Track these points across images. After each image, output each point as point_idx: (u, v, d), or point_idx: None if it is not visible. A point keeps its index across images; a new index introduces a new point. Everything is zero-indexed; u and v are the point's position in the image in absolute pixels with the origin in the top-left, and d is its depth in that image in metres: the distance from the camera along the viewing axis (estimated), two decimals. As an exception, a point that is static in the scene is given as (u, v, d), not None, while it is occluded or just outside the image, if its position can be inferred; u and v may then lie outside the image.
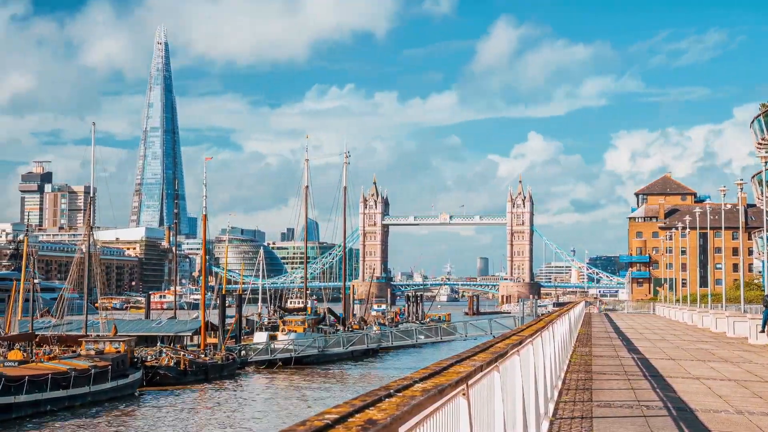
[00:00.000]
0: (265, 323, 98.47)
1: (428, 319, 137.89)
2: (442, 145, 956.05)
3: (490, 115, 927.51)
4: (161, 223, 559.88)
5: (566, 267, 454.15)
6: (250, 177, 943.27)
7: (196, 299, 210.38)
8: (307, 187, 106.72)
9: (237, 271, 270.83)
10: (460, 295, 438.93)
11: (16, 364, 55.35)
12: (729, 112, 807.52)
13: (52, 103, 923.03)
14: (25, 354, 61.23)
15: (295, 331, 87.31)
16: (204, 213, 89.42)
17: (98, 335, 68.09)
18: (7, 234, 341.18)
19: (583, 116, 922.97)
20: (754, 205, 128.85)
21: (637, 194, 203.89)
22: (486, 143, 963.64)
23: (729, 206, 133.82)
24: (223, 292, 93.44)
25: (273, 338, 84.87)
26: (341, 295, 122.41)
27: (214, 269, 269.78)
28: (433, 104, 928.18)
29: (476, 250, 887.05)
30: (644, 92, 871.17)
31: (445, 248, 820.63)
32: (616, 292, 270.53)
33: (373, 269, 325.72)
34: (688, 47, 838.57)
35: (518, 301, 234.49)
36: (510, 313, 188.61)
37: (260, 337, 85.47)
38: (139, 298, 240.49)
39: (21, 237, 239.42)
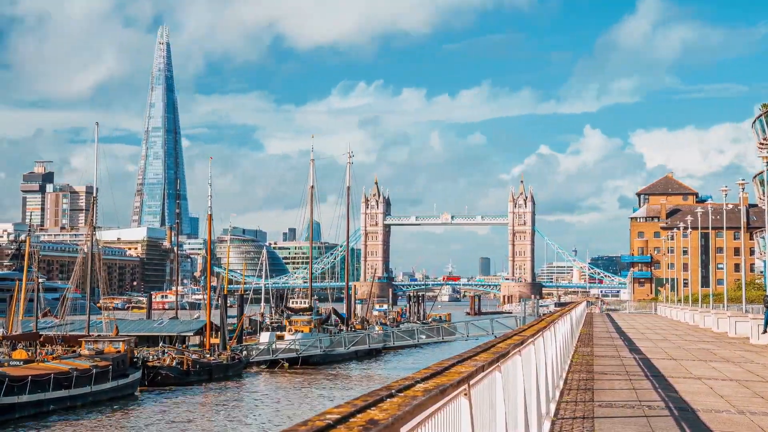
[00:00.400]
0: (268, 323, 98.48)
1: (430, 319, 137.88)
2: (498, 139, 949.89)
3: (522, 111, 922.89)
4: (163, 223, 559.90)
5: (568, 267, 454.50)
6: (274, 175, 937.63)
7: (197, 299, 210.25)
8: (312, 186, 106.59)
9: (238, 271, 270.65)
10: (461, 295, 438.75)
11: (22, 363, 55.43)
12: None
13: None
14: (29, 354, 61.32)
15: (302, 331, 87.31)
16: (209, 213, 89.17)
17: (99, 335, 68.12)
18: (8, 234, 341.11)
19: (613, 112, 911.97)
20: (756, 205, 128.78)
21: (638, 194, 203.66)
22: (541, 136, 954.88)
23: (731, 206, 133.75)
24: (225, 292, 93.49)
25: (280, 338, 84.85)
26: (343, 295, 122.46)
27: (216, 269, 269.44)
28: (464, 99, 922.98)
29: (478, 250, 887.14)
30: (680, 89, 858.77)
31: (447, 248, 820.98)
32: (618, 292, 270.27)
33: (375, 269, 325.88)
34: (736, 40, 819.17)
35: (520, 301, 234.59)
36: (511, 313, 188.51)
37: (266, 337, 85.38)
38: (141, 298, 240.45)
39: (23, 237, 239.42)
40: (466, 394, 5.87)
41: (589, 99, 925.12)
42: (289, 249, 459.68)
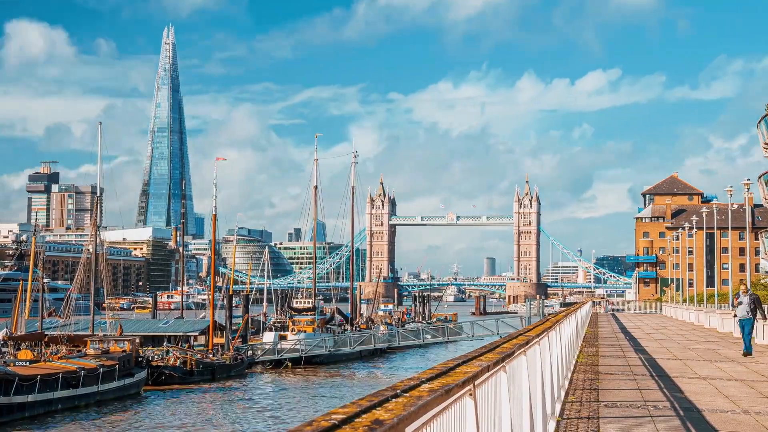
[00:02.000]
0: (271, 323, 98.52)
1: (435, 319, 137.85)
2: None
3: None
4: (168, 223, 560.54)
5: (573, 267, 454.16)
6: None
7: (203, 299, 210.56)
8: (316, 186, 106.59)
9: (244, 272, 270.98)
10: (467, 295, 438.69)
11: (27, 363, 55.56)
12: None
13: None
14: (34, 354, 61.46)
15: (305, 331, 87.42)
16: (214, 213, 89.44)
17: (105, 335, 68.25)
18: (13, 234, 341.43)
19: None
20: (761, 206, 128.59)
21: (643, 194, 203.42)
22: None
23: (736, 206, 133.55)
24: (230, 293, 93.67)
25: (283, 338, 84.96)
26: (348, 295, 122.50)
27: (221, 269, 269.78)
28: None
29: (483, 250, 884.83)
30: None
31: (453, 248, 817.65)
32: (623, 292, 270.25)
33: (380, 269, 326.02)
34: None
35: (525, 301, 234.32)
36: (517, 313, 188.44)
37: (269, 337, 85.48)
38: (146, 299, 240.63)
39: (23, 237, 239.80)
40: (471, 395, 5.87)
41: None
42: (294, 249, 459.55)
